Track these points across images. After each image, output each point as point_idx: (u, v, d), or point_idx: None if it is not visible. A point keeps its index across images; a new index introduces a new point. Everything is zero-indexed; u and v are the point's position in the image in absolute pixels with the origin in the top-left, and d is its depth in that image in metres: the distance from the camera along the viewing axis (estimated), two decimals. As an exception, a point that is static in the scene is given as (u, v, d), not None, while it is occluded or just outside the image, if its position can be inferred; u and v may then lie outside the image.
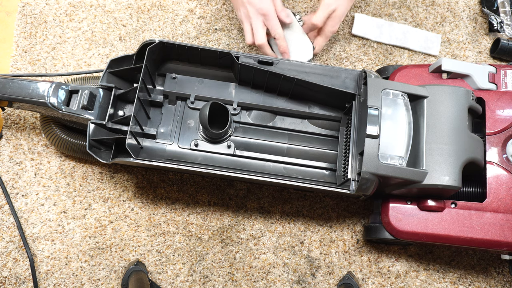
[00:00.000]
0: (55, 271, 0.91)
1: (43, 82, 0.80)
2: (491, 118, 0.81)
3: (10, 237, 0.92)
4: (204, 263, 0.93)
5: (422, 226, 0.79)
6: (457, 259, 0.94)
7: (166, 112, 0.89)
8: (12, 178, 0.94)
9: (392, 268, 0.93)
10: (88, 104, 0.80)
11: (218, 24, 1.04)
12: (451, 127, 0.75)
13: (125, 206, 0.94)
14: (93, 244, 0.92)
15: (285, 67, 0.82)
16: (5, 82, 0.80)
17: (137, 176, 0.96)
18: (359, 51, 1.04)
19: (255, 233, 0.94)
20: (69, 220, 0.93)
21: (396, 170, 0.72)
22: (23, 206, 0.93)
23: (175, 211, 0.94)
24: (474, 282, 0.93)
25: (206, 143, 0.88)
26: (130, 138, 0.78)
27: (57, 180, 0.95)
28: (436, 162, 0.73)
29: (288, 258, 0.93)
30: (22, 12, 1.03)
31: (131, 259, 0.92)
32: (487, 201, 0.78)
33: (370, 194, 0.76)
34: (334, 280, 0.93)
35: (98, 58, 1.01)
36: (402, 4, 1.07)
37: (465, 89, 0.77)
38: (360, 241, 0.95)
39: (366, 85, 0.77)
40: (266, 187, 0.96)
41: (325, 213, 0.96)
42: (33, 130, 0.97)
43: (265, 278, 0.92)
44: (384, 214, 0.82)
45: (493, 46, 1.05)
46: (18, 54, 1.00)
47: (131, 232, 0.93)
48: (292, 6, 1.06)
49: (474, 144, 0.76)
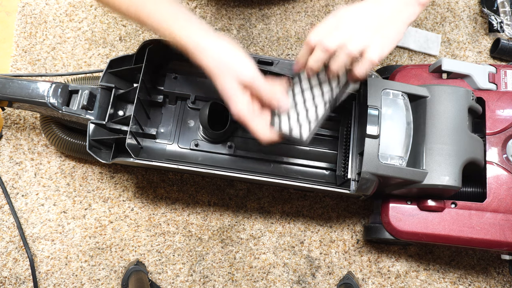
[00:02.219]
0: (55, 271, 0.91)
1: (43, 82, 0.80)
2: (491, 118, 0.81)
3: (10, 237, 0.92)
4: (204, 263, 0.93)
5: (422, 226, 0.79)
6: (457, 259, 0.94)
7: (166, 112, 0.89)
8: (12, 178, 0.94)
9: (392, 268, 0.93)
10: (88, 104, 0.80)
11: (218, 24, 1.04)
12: (451, 127, 0.75)
13: (125, 206, 0.94)
14: (93, 244, 0.92)
15: (285, 67, 0.82)
16: (5, 82, 0.80)
17: (137, 176, 0.96)
18: (359, 51, 1.04)
19: (255, 233, 0.94)
20: (69, 220, 0.93)
21: (396, 170, 0.72)
22: (23, 206, 0.93)
23: (175, 211, 0.94)
24: (474, 282, 0.93)
25: (206, 143, 0.88)
26: (130, 138, 0.77)
27: (57, 180, 0.95)
28: (436, 162, 0.73)
29: (288, 258, 0.93)
30: (22, 12, 1.03)
31: (131, 259, 0.92)
32: (487, 201, 0.78)
33: (370, 194, 0.76)
34: (334, 280, 0.93)
35: (98, 58, 1.01)
36: (402, 4, 1.07)
37: (465, 89, 0.77)
38: (360, 241, 0.95)
39: (366, 85, 0.77)
40: (266, 187, 0.96)
41: (325, 213, 0.96)
42: (33, 130, 0.97)
43: (265, 278, 0.92)
44: (384, 214, 0.82)
45: (493, 46, 1.05)
46: (18, 54, 1.00)
47: (131, 232, 0.93)
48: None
49: (474, 144, 0.76)
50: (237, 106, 0.66)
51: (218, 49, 0.65)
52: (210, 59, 0.65)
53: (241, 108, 0.66)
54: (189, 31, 0.65)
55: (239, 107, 0.66)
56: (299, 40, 1.04)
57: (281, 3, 1.06)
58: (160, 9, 0.66)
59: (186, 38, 0.65)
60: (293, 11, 1.06)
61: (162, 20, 0.66)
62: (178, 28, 0.65)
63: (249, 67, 0.66)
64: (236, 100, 0.66)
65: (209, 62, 0.65)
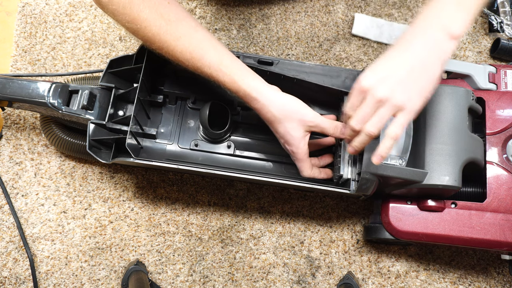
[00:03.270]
0: (55, 271, 0.91)
1: (43, 82, 0.80)
2: (491, 118, 0.81)
3: (10, 237, 0.92)
4: (204, 263, 0.93)
5: (422, 226, 0.79)
6: (457, 259, 0.94)
7: (166, 112, 0.89)
8: (12, 178, 0.94)
9: (392, 268, 0.93)
10: (88, 104, 0.80)
11: (218, 24, 1.04)
12: (451, 127, 0.75)
13: (125, 206, 0.94)
14: (93, 244, 0.92)
15: (285, 67, 0.82)
16: (5, 82, 0.80)
17: (137, 176, 0.96)
18: (359, 51, 1.04)
19: (255, 233, 0.94)
20: (69, 220, 0.93)
21: (396, 170, 0.72)
22: (23, 206, 0.93)
23: (175, 211, 0.94)
24: (474, 282, 0.93)
25: (206, 143, 0.88)
26: (130, 138, 0.78)
27: (57, 180, 0.95)
28: (436, 162, 0.73)
29: (288, 258, 0.93)
30: (22, 12, 1.03)
31: (131, 259, 0.92)
32: (487, 201, 0.78)
33: (370, 194, 0.76)
34: (334, 280, 0.93)
35: (98, 58, 1.01)
36: (402, 4, 1.07)
37: (465, 89, 0.77)
38: (360, 241, 0.95)
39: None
40: (266, 187, 0.96)
41: (325, 213, 0.96)
42: (33, 130, 0.97)
43: (265, 278, 0.92)
44: (384, 214, 0.82)
45: (493, 46, 1.05)
46: (18, 54, 1.00)
47: (131, 232, 0.93)
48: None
49: (474, 144, 0.76)
50: (299, 149, 0.75)
51: (282, 98, 0.73)
52: (275, 107, 0.72)
53: (303, 150, 0.75)
54: (252, 80, 0.72)
55: (301, 150, 0.75)
56: (299, 40, 1.04)
57: (281, 3, 1.06)
58: (224, 60, 0.71)
59: (249, 87, 0.71)
60: (293, 11, 1.06)
61: (225, 68, 0.70)
62: (241, 77, 0.71)
63: (311, 111, 0.73)
64: (298, 145, 0.74)
65: (274, 109, 0.72)
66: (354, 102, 0.66)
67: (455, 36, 0.61)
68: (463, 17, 0.61)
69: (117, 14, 0.68)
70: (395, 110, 0.63)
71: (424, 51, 0.62)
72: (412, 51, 0.62)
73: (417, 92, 0.63)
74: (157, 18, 0.68)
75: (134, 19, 0.68)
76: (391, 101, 0.62)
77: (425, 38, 0.62)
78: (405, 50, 0.63)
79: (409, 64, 0.62)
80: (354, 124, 0.66)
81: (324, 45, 1.04)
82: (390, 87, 0.62)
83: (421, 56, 0.62)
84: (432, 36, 0.61)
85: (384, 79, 0.62)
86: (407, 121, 0.64)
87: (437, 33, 0.61)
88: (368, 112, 0.64)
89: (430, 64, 0.62)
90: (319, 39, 1.04)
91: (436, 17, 0.62)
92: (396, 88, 0.62)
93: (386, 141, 0.64)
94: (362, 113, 0.65)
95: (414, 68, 0.62)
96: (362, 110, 0.64)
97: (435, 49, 0.62)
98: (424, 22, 0.63)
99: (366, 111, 0.64)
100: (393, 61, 0.63)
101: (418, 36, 0.62)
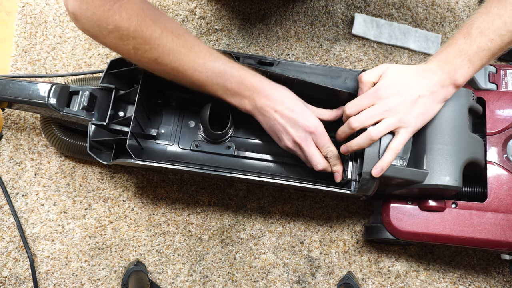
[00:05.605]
0: (55, 271, 0.91)
1: (43, 83, 0.80)
2: (491, 118, 0.81)
3: (10, 237, 0.92)
4: (204, 263, 0.93)
5: (423, 226, 0.79)
6: (457, 259, 0.94)
7: (166, 113, 0.89)
8: (12, 178, 0.94)
9: (392, 268, 0.93)
10: (89, 105, 0.79)
11: (218, 24, 1.04)
12: (452, 127, 0.75)
13: (125, 206, 0.94)
14: (93, 244, 0.92)
15: (286, 67, 0.82)
16: (5, 83, 0.80)
17: (137, 176, 0.96)
18: (359, 51, 1.04)
19: (255, 233, 0.94)
20: (69, 220, 0.93)
21: (397, 170, 0.72)
22: (23, 206, 0.93)
23: (175, 211, 0.94)
24: (474, 282, 0.93)
25: (207, 143, 0.88)
26: (131, 139, 0.77)
27: (57, 180, 0.95)
28: (436, 162, 0.73)
29: (288, 258, 0.93)
30: (22, 12, 1.02)
31: (131, 259, 0.92)
32: (487, 201, 0.78)
33: (370, 194, 0.76)
34: (334, 280, 0.93)
35: (98, 59, 1.01)
36: (402, 4, 1.07)
37: (465, 89, 0.77)
38: (360, 241, 0.95)
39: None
40: (266, 187, 0.96)
41: (325, 213, 0.96)
42: (33, 130, 0.97)
43: (265, 278, 0.92)
44: (385, 214, 0.82)
45: (493, 46, 1.05)
46: (18, 54, 1.00)
47: (131, 232, 0.93)
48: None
49: (475, 144, 0.76)
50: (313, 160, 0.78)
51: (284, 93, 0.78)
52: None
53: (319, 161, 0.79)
54: (256, 77, 0.75)
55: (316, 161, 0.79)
56: (299, 40, 1.04)
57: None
58: (232, 68, 0.74)
59: (256, 82, 0.75)
60: (293, 11, 1.06)
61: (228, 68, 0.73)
62: (249, 75, 0.75)
63: (309, 106, 0.80)
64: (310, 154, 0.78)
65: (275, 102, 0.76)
66: (363, 104, 0.73)
67: (457, 86, 0.71)
68: (469, 72, 0.70)
69: (125, 39, 0.66)
70: (399, 125, 0.70)
71: (434, 87, 0.71)
72: (426, 83, 0.71)
73: (421, 116, 0.71)
74: (168, 35, 0.68)
75: (146, 39, 0.66)
76: (399, 114, 0.70)
77: (437, 77, 0.71)
78: (422, 78, 0.71)
79: (421, 91, 0.71)
80: (353, 122, 0.73)
81: (324, 45, 1.04)
82: (403, 102, 0.70)
83: (431, 90, 0.71)
84: (441, 78, 0.71)
85: (400, 93, 0.70)
86: (407, 139, 0.71)
87: (446, 79, 0.71)
88: (374, 115, 0.71)
89: (435, 98, 0.72)
90: (319, 39, 1.04)
91: (449, 64, 0.70)
92: (407, 105, 0.70)
93: (389, 155, 0.71)
94: (367, 114, 0.71)
95: (422, 96, 0.71)
96: (369, 112, 0.71)
97: (441, 90, 0.71)
98: (440, 63, 0.72)
99: (373, 114, 0.71)
100: (411, 83, 0.71)
101: (432, 75, 0.71)
